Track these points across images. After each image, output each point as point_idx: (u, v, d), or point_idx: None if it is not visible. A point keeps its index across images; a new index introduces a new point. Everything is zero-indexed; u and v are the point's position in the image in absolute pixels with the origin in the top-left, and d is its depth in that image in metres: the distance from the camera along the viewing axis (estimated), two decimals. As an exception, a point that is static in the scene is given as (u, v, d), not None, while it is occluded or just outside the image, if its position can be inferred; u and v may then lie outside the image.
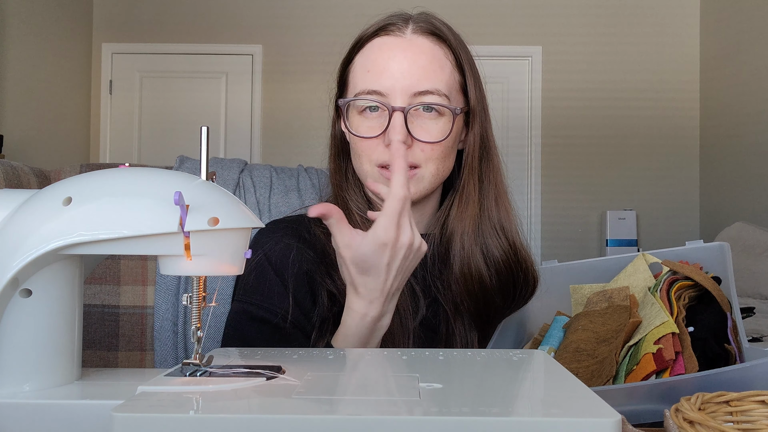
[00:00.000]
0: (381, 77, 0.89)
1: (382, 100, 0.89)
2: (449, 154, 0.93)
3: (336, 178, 0.98)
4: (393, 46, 0.91)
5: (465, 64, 0.93)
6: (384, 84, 0.89)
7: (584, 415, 0.45)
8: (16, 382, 0.54)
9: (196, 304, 0.58)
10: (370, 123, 0.91)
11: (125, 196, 0.54)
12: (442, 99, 0.89)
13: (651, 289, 0.89)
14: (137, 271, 1.17)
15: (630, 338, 0.81)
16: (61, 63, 4.45)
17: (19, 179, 1.07)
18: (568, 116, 4.85)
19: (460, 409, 0.45)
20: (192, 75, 4.88)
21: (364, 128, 0.91)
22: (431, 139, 0.89)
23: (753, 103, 4.12)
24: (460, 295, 0.93)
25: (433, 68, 0.90)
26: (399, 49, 0.90)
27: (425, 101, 0.88)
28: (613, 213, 4.67)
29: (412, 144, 0.89)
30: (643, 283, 0.92)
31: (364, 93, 0.90)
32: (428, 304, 0.94)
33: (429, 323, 0.94)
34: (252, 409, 0.47)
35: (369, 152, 0.91)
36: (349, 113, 0.93)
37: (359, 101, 0.90)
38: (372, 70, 0.90)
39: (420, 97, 0.89)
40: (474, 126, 0.94)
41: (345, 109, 0.93)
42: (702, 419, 0.51)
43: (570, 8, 4.86)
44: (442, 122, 0.90)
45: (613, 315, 0.87)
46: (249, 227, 0.58)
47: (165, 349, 1.14)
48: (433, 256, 0.95)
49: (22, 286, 0.54)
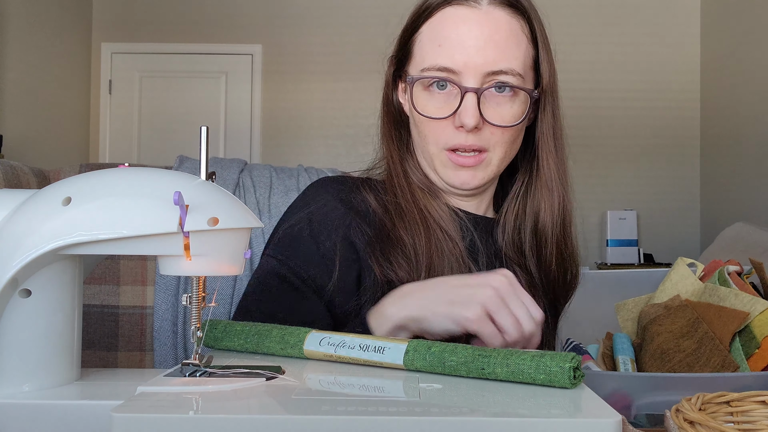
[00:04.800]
0: (454, 53, 0.82)
1: (454, 78, 0.82)
2: (518, 136, 0.88)
3: (394, 148, 0.92)
4: (467, 19, 0.83)
5: (539, 38, 0.87)
6: (456, 61, 0.82)
7: (584, 415, 0.45)
8: (16, 383, 0.54)
9: (195, 304, 0.58)
10: (437, 102, 0.84)
11: (125, 196, 0.54)
12: (517, 79, 0.83)
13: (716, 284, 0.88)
14: (137, 271, 1.17)
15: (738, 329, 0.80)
16: (61, 63, 4.45)
17: (19, 179, 1.07)
18: (568, 116, 4.80)
19: (460, 409, 0.45)
20: (191, 75, 4.88)
21: (430, 107, 0.84)
22: (504, 123, 0.83)
23: (753, 104, 4.12)
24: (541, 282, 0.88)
25: (510, 45, 0.83)
26: (474, 23, 0.82)
27: (499, 80, 0.82)
28: (614, 213, 4.67)
29: (483, 127, 0.83)
30: (691, 287, 0.90)
31: (433, 69, 0.83)
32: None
33: None
34: (252, 409, 0.47)
35: (436, 134, 0.85)
36: (413, 88, 0.86)
37: (428, 77, 0.83)
38: (443, 44, 0.83)
39: (494, 76, 0.82)
40: (547, 105, 0.88)
41: (411, 84, 0.86)
42: (702, 419, 0.51)
43: (570, 8, 4.86)
44: (515, 104, 0.84)
45: (677, 313, 0.86)
46: (249, 227, 0.58)
47: (164, 349, 1.14)
48: (509, 247, 0.90)
49: (21, 286, 0.54)
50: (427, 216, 0.86)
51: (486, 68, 0.82)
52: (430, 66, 0.84)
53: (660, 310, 0.89)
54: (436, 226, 0.86)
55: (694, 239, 4.77)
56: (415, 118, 0.88)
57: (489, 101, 0.83)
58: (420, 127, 0.87)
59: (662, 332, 0.86)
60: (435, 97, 0.84)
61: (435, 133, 0.85)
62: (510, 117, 0.84)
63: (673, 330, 0.85)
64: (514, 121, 0.84)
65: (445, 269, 0.83)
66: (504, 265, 0.90)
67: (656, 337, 0.86)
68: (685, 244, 4.67)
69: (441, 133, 0.85)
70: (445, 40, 0.83)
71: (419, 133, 0.88)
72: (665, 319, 0.87)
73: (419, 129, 0.87)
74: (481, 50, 0.82)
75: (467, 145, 0.84)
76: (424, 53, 0.85)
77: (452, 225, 0.87)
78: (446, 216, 0.87)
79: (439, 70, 0.83)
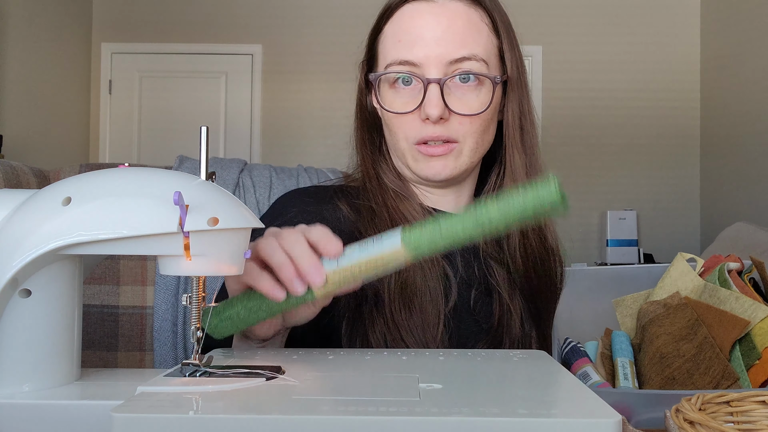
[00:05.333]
0: (413, 46, 0.83)
1: (416, 70, 0.83)
2: (489, 126, 0.87)
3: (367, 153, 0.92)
4: (425, 12, 0.84)
5: (501, 27, 0.87)
6: (417, 53, 0.83)
7: (584, 416, 0.44)
8: (16, 383, 0.54)
9: (195, 304, 0.58)
10: (403, 98, 0.85)
11: (125, 196, 0.54)
12: (480, 66, 0.83)
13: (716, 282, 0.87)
14: (137, 271, 1.17)
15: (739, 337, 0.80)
16: (61, 63, 4.45)
17: (19, 179, 1.07)
18: (568, 116, 4.85)
19: (460, 409, 0.45)
20: (191, 75, 4.88)
21: (397, 103, 0.85)
22: (470, 112, 0.83)
23: (753, 103, 4.12)
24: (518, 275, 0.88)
25: (470, 33, 0.84)
26: (431, 15, 0.84)
27: (462, 68, 0.83)
28: (614, 213, 4.67)
29: (449, 117, 0.83)
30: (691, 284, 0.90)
31: (395, 64, 0.84)
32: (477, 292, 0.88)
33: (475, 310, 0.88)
34: (252, 409, 0.47)
35: (404, 129, 0.86)
36: (380, 87, 0.87)
37: (391, 73, 0.85)
38: (403, 39, 0.84)
39: (457, 64, 0.83)
40: (513, 94, 0.88)
41: (376, 83, 0.87)
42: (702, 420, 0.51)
43: (570, 8, 4.86)
44: (481, 92, 0.84)
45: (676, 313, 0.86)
46: (249, 227, 0.57)
47: (164, 349, 1.14)
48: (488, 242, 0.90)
49: (21, 286, 0.54)
50: (398, 219, 0.86)
51: (447, 57, 0.82)
52: (392, 62, 0.85)
53: (659, 309, 0.89)
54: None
55: (694, 239, 4.77)
56: (384, 116, 0.88)
57: (453, 92, 0.84)
58: (389, 125, 0.88)
59: (661, 334, 0.86)
60: (400, 93, 0.85)
61: (403, 129, 0.86)
62: (477, 105, 0.84)
63: (672, 332, 0.84)
64: (481, 108, 0.84)
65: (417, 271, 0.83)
66: (480, 261, 0.90)
67: (655, 339, 0.86)
68: (685, 244, 4.67)
69: (409, 127, 0.85)
70: (405, 34, 0.84)
71: (389, 130, 0.88)
72: (665, 320, 0.87)
73: (389, 126, 0.88)
74: (440, 40, 0.83)
75: (435, 136, 0.84)
76: (387, 51, 0.86)
77: None
78: (419, 217, 0.87)
79: (400, 64, 0.84)
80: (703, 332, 0.80)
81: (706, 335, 0.80)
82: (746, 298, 0.81)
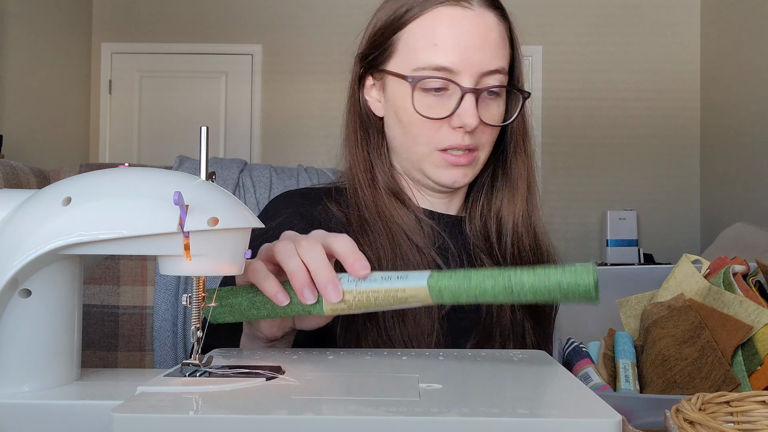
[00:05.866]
0: (451, 52, 0.82)
1: (452, 77, 0.83)
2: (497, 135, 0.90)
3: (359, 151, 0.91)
4: (463, 19, 0.83)
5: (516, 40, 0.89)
6: (454, 60, 0.82)
7: (584, 416, 0.44)
8: (16, 383, 0.54)
9: (195, 304, 0.58)
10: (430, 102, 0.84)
11: (125, 196, 0.54)
12: (504, 78, 0.86)
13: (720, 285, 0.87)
14: (137, 271, 1.17)
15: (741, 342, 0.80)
16: (61, 63, 4.45)
17: (19, 179, 1.07)
18: (568, 116, 4.85)
19: (460, 409, 0.45)
20: (192, 75, 4.88)
21: (423, 106, 0.84)
22: (496, 122, 0.86)
23: (754, 103, 4.12)
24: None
25: (501, 45, 0.85)
26: (471, 23, 0.83)
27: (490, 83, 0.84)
28: (614, 213, 4.67)
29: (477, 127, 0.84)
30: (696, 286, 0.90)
31: (429, 68, 0.83)
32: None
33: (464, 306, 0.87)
34: (252, 409, 0.47)
35: (429, 135, 0.85)
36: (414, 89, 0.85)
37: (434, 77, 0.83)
38: (440, 43, 0.83)
39: (489, 75, 0.84)
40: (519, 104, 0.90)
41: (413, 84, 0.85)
42: (703, 420, 0.51)
43: (570, 8, 4.86)
44: (501, 103, 0.87)
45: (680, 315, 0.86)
46: (249, 227, 0.57)
47: (164, 349, 1.14)
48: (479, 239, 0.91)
49: (21, 287, 0.54)
50: (392, 225, 0.86)
51: (483, 68, 0.83)
52: (424, 65, 0.83)
53: (663, 311, 0.89)
54: (402, 235, 0.86)
55: (694, 239, 4.78)
56: (407, 118, 0.86)
57: (481, 102, 0.85)
58: (409, 128, 0.86)
59: (664, 336, 0.85)
60: (429, 97, 0.84)
61: (428, 134, 0.85)
62: (498, 116, 0.87)
63: (675, 334, 0.84)
64: (502, 120, 0.87)
65: None
66: (472, 257, 0.90)
67: (658, 341, 0.86)
68: (685, 244, 4.68)
69: (435, 133, 0.85)
70: (442, 39, 0.83)
71: (407, 133, 0.87)
72: (668, 322, 0.86)
73: (408, 129, 0.86)
74: (478, 50, 0.83)
75: (464, 145, 0.85)
76: (417, 52, 0.84)
77: (419, 233, 0.87)
78: (413, 224, 0.88)
79: (435, 69, 0.83)
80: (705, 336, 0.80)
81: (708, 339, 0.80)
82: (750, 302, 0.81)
